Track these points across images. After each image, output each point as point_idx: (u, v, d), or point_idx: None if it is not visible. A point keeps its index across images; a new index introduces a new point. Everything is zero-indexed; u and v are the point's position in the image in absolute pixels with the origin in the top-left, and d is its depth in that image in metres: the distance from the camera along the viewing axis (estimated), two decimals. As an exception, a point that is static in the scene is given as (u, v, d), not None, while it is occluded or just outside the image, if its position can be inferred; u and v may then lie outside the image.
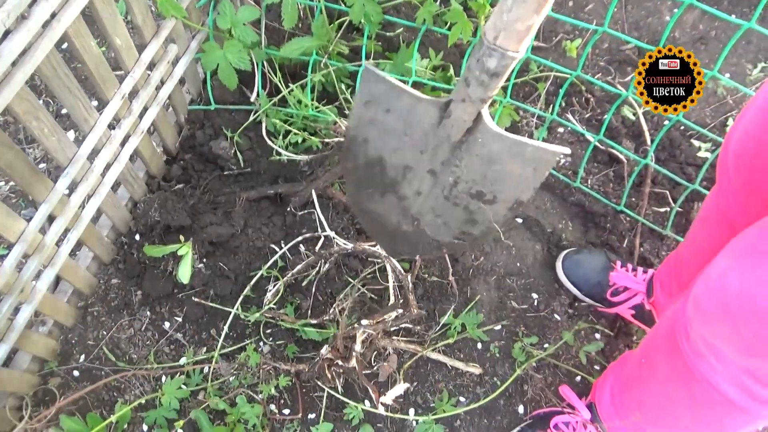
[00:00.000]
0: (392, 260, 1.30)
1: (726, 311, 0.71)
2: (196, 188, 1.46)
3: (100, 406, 1.28)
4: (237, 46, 1.36)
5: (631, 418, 1.10)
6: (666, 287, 1.28)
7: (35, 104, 0.95)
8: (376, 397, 1.19)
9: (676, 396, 0.94)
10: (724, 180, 0.96)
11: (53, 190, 1.07)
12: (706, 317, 0.75)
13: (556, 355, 1.39)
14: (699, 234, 1.14)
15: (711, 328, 0.75)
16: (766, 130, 0.83)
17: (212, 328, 1.37)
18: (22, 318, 1.09)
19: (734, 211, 0.97)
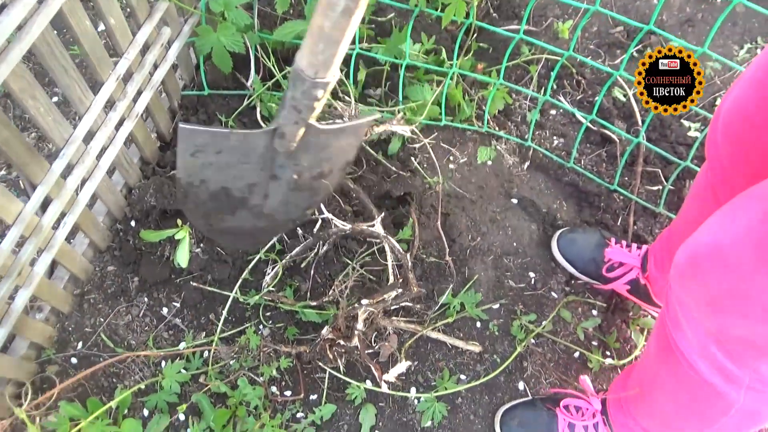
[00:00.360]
0: (391, 240, 1.31)
1: (696, 264, 0.73)
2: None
3: (99, 392, 1.26)
4: (231, 29, 1.35)
5: (630, 410, 1.13)
6: (659, 262, 1.30)
7: (31, 82, 0.94)
8: (379, 375, 1.20)
9: (663, 382, 0.96)
10: (713, 153, 0.97)
11: (49, 171, 1.05)
12: (681, 275, 0.77)
13: (555, 332, 1.41)
14: (690, 209, 1.16)
15: (684, 287, 0.77)
16: (755, 101, 0.85)
17: (211, 313, 1.37)
18: (20, 302, 1.08)
19: (720, 183, 0.99)
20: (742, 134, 0.88)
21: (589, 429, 1.22)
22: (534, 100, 1.71)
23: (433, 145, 1.59)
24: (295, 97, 0.86)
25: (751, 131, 0.86)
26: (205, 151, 0.94)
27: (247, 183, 1.05)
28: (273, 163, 1.01)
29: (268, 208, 1.14)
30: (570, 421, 1.22)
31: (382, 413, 1.29)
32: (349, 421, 1.28)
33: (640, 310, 1.44)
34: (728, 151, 0.92)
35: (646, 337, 1.42)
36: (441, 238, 1.45)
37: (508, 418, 1.27)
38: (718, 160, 0.96)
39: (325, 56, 0.80)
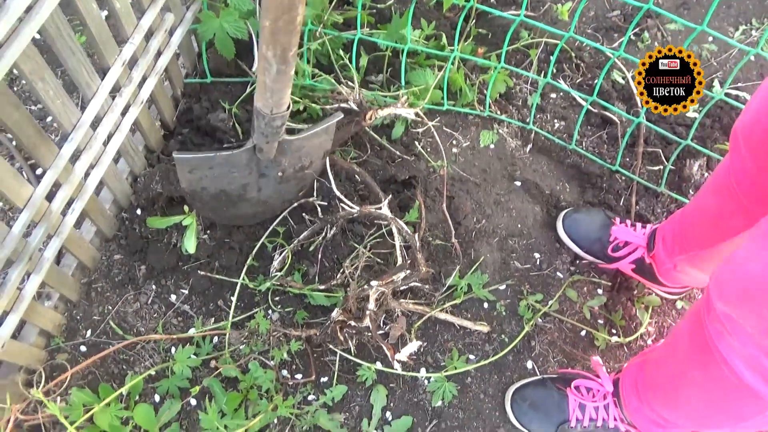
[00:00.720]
0: (398, 221, 1.31)
1: (747, 294, 0.72)
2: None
3: (110, 379, 1.26)
4: (233, 15, 1.35)
5: (647, 397, 1.12)
6: (668, 244, 1.31)
7: (41, 63, 0.94)
8: (391, 355, 1.20)
9: (692, 377, 0.95)
10: (737, 155, 0.98)
11: (59, 155, 1.05)
12: (729, 299, 0.76)
13: (561, 311, 1.42)
14: (708, 201, 1.16)
15: (733, 309, 0.76)
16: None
17: (219, 299, 1.37)
18: (30, 288, 1.08)
19: (745, 187, 0.99)
20: (762, 147, 0.90)
21: (600, 410, 1.22)
22: (534, 83, 1.72)
23: (436, 129, 1.60)
24: (260, 126, 1.09)
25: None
26: (199, 168, 1.19)
27: (241, 184, 1.26)
28: (258, 165, 1.24)
29: (264, 197, 1.33)
30: (581, 402, 1.23)
31: (393, 394, 1.30)
32: (360, 402, 1.29)
33: (645, 289, 1.45)
34: (752, 159, 0.93)
35: (651, 314, 1.43)
36: (446, 221, 1.45)
37: (519, 399, 1.27)
38: (742, 164, 0.97)
39: (275, 99, 1.01)
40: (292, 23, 0.86)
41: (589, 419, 1.21)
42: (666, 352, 1.08)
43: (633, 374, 1.19)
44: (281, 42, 0.89)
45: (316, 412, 1.25)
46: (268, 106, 1.03)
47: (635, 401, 1.16)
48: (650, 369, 1.12)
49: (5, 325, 1.05)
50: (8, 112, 0.90)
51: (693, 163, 1.57)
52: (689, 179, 1.57)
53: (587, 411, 1.22)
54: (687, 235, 1.24)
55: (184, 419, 1.24)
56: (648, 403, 1.12)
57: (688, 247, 1.24)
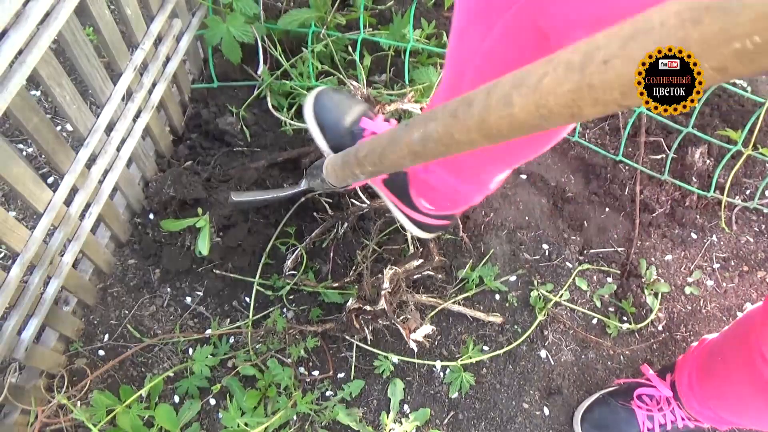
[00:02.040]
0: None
1: None
2: (207, 164, 1.46)
3: (129, 382, 1.27)
4: (240, 19, 1.38)
5: (708, 405, 1.14)
6: None
7: (59, 69, 0.96)
8: (407, 335, 1.22)
9: (748, 395, 0.99)
10: None
11: (76, 160, 1.07)
12: None
13: (572, 300, 1.44)
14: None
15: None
16: None
17: (234, 300, 1.38)
18: (51, 291, 1.09)
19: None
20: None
21: (667, 416, 1.22)
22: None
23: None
24: (314, 183, 1.18)
25: None
26: (251, 203, 1.33)
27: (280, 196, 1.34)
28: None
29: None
30: (648, 414, 1.23)
31: (410, 387, 1.31)
32: (377, 396, 1.30)
33: (654, 275, 1.47)
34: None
35: (660, 300, 1.45)
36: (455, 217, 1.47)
37: (589, 426, 1.26)
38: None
39: (339, 182, 1.05)
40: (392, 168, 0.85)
41: (658, 425, 1.22)
42: (722, 370, 1.08)
43: (687, 379, 1.20)
44: (375, 174, 0.92)
45: (334, 407, 1.26)
46: (336, 181, 1.07)
47: (696, 405, 1.18)
48: (710, 381, 1.13)
49: (28, 328, 1.06)
50: (28, 117, 0.92)
51: (695, 150, 1.59)
52: (691, 166, 1.59)
53: (655, 420, 1.23)
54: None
55: (204, 419, 1.25)
56: (708, 408, 1.14)
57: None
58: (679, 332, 1.43)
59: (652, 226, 1.55)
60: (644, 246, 1.53)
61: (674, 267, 1.52)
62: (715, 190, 1.56)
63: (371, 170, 0.87)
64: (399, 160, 0.76)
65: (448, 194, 1.06)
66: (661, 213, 1.57)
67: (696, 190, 1.56)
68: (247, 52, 1.52)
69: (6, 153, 0.89)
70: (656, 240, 1.55)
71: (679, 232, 1.56)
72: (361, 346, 1.31)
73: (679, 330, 1.43)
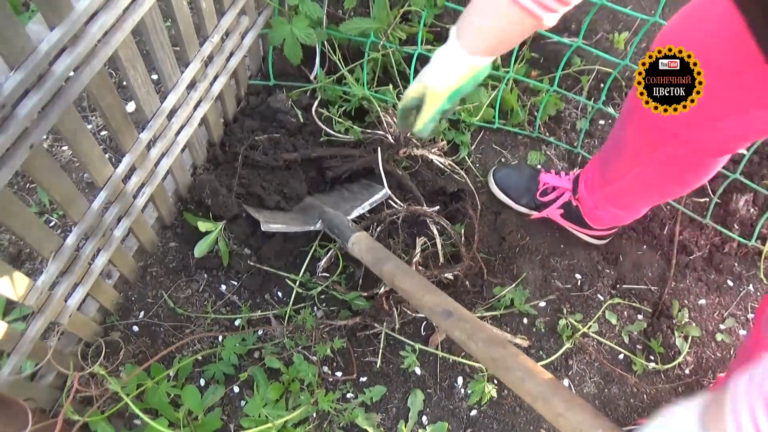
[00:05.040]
0: (442, 219, 1.37)
1: None
2: (255, 148, 1.48)
3: (159, 361, 1.30)
4: (304, 22, 1.42)
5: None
6: (589, 184, 1.40)
7: (135, 53, 1.01)
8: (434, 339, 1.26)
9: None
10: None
11: (138, 140, 1.12)
12: None
13: (600, 333, 1.43)
14: (615, 135, 1.24)
15: None
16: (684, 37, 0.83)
17: (266, 293, 1.41)
18: (99, 263, 1.14)
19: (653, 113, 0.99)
20: None
21: None
22: (584, 109, 1.75)
23: (485, 146, 1.64)
24: (330, 232, 1.33)
25: None
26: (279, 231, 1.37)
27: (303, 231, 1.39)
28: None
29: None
30: None
31: (430, 399, 1.32)
32: (397, 404, 1.31)
33: (686, 318, 1.46)
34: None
35: (690, 344, 1.44)
36: (491, 235, 1.48)
37: None
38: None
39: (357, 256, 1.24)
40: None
41: None
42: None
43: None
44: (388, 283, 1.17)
45: (354, 409, 1.27)
46: (354, 254, 1.26)
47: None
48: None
49: (74, 296, 1.10)
50: (104, 95, 0.96)
51: (740, 197, 1.58)
52: (735, 213, 1.58)
53: None
54: (605, 171, 1.33)
55: (226, 405, 1.28)
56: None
57: (607, 183, 1.32)
58: (706, 378, 1.41)
59: (689, 268, 1.54)
60: (678, 287, 1.52)
61: (707, 312, 1.50)
62: (756, 240, 1.54)
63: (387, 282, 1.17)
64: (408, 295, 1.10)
65: (613, 220, 1.45)
66: (699, 256, 1.55)
67: (737, 237, 1.55)
68: (305, 55, 1.56)
69: (79, 127, 0.94)
70: (691, 283, 1.53)
71: (715, 277, 1.54)
72: (390, 334, 1.34)
73: (706, 375, 1.42)
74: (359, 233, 1.26)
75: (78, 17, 0.82)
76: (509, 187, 1.55)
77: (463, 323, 1.04)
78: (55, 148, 1.60)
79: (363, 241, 1.24)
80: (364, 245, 1.23)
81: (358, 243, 1.24)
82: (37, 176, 0.89)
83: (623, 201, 1.35)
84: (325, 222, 1.34)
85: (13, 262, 1.40)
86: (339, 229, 1.30)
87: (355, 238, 1.25)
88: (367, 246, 1.23)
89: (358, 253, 1.24)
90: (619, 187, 1.29)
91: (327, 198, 1.49)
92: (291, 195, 1.45)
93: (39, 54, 0.78)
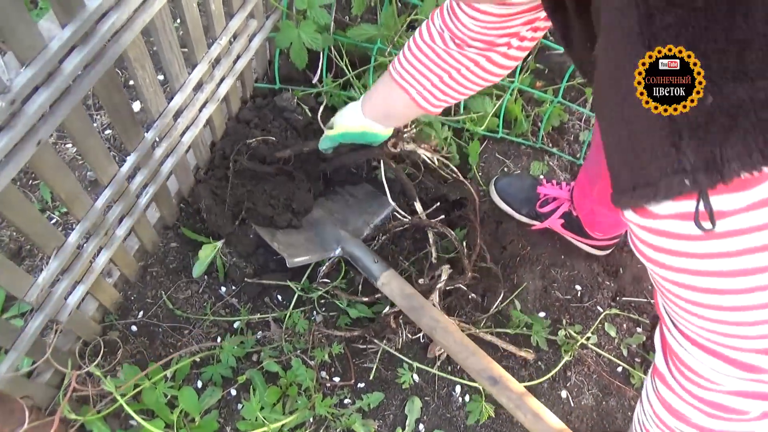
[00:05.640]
0: (447, 229, 1.37)
1: None
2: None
3: (156, 360, 1.30)
4: (311, 27, 1.43)
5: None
6: (581, 187, 1.43)
7: (144, 52, 1.01)
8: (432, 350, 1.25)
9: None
10: None
11: (143, 139, 1.12)
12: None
13: (599, 345, 1.43)
14: (595, 135, 1.30)
15: None
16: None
17: (266, 296, 1.41)
18: (101, 262, 1.13)
19: None
20: None
21: None
22: (587, 120, 1.76)
23: (489, 154, 1.64)
24: (354, 261, 1.34)
25: None
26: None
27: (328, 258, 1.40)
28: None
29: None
30: None
31: (427, 407, 1.32)
32: (395, 411, 1.31)
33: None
34: None
35: (689, 358, 1.43)
36: (492, 244, 1.48)
37: None
38: None
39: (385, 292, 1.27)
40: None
41: None
42: None
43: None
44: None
45: (351, 415, 1.27)
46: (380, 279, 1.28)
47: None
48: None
49: (74, 294, 1.10)
50: (111, 93, 0.97)
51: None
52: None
53: None
54: (589, 171, 1.35)
55: (223, 408, 1.27)
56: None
57: (592, 183, 1.34)
58: (704, 393, 1.41)
59: (689, 282, 1.54)
60: (678, 301, 1.52)
61: (706, 327, 1.50)
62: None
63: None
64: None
65: (610, 226, 1.44)
66: (699, 271, 1.56)
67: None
68: (310, 60, 1.57)
69: (86, 124, 0.94)
70: (691, 297, 1.53)
71: (715, 292, 1.55)
72: (388, 350, 1.33)
73: (704, 391, 1.41)
74: (388, 272, 1.27)
75: (89, 16, 0.82)
76: (510, 197, 1.55)
77: (510, 392, 1.08)
78: (59, 146, 1.60)
79: (394, 282, 1.25)
80: (397, 289, 1.24)
81: (388, 284, 1.25)
82: (42, 173, 0.89)
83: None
84: (346, 251, 1.35)
85: (14, 258, 1.40)
86: (363, 262, 1.31)
87: (384, 278, 1.26)
88: (401, 291, 1.24)
89: (389, 294, 1.25)
90: (605, 184, 1.28)
91: (333, 206, 1.48)
92: (299, 209, 1.41)
93: (50, 51, 0.78)
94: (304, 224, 1.42)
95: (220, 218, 1.37)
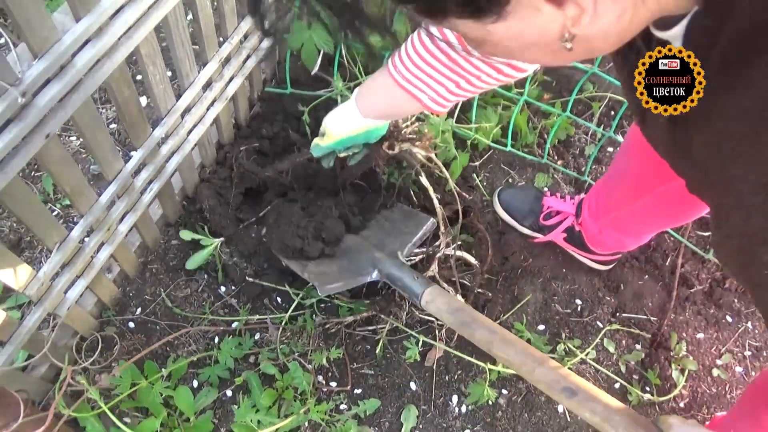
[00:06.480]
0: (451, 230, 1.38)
1: None
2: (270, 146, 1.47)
3: (153, 359, 1.29)
4: (323, 29, 1.42)
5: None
6: (593, 210, 1.41)
7: (156, 49, 1.00)
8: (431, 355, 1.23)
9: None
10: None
11: (151, 136, 1.11)
12: None
13: (598, 360, 1.43)
14: (626, 162, 1.25)
15: None
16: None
17: (265, 298, 1.40)
18: (102, 257, 1.13)
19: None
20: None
21: None
22: (593, 135, 1.76)
23: (494, 165, 1.64)
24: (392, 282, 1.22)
25: None
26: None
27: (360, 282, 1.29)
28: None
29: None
30: None
31: (424, 416, 1.31)
32: (391, 419, 1.30)
33: (683, 351, 1.45)
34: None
35: (687, 378, 1.43)
36: (494, 255, 1.48)
37: None
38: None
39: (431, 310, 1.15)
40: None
41: None
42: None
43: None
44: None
45: (347, 421, 1.26)
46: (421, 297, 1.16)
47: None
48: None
49: (74, 288, 1.09)
50: (122, 89, 0.96)
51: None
52: (737, 250, 1.58)
53: None
54: (609, 198, 1.34)
55: (218, 408, 1.27)
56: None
57: (610, 209, 1.33)
58: (700, 413, 1.41)
59: (689, 301, 1.54)
60: (678, 320, 1.52)
61: (705, 346, 1.50)
62: (757, 277, 1.54)
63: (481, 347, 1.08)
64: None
65: (615, 245, 1.44)
66: (700, 290, 1.56)
67: (738, 274, 1.55)
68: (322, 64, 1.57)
69: (95, 119, 0.93)
70: (690, 316, 1.53)
71: (714, 312, 1.54)
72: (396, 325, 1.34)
73: (700, 411, 1.41)
74: (431, 289, 1.14)
75: (104, 10, 0.82)
76: (513, 208, 1.55)
77: (594, 404, 0.89)
78: (63, 139, 1.59)
79: (439, 299, 1.12)
80: (444, 305, 1.11)
81: (433, 301, 1.12)
82: (49, 166, 0.88)
83: (628, 228, 1.35)
84: (383, 272, 1.22)
85: (13, 249, 1.39)
86: (403, 282, 1.18)
87: (428, 296, 1.13)
88: (448, 307, 1.10)
89: (435, 312, 1.13)
90: (624, 214, 1.29)
91: (367, 233, 1.40)
92: (330, 238, 1.34)
93: (63, 44, 0.77)
94: (337, 253, 1.35)
95: (223, 219, 1.37)
